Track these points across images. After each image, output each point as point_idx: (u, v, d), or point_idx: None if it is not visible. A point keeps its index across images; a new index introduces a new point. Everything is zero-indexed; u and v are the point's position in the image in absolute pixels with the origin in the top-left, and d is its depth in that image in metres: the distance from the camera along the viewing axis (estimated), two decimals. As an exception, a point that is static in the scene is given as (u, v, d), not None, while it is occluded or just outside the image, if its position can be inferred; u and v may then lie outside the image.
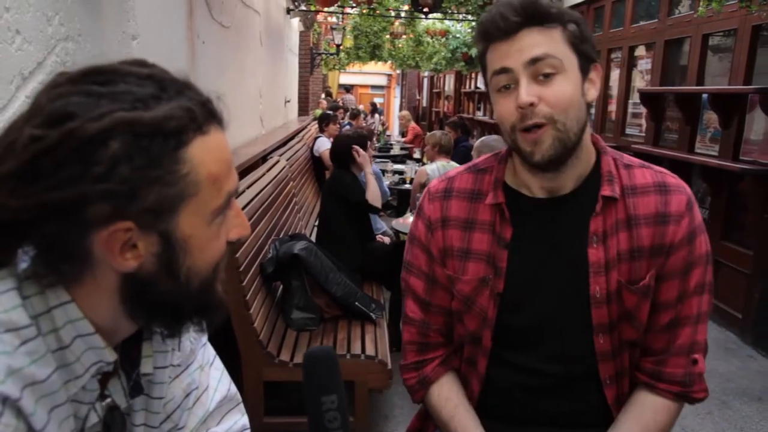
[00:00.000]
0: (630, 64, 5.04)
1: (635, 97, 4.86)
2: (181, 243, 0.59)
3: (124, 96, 0.55)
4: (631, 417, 1.00)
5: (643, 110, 4.70)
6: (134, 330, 0.67)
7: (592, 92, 0.95)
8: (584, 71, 0.93)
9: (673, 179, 0.99)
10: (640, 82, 4.92)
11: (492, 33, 0.91)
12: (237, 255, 2.03)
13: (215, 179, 0.60)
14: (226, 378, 0.89)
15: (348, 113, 8.91)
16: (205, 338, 0.84)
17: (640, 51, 4.93)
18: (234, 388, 0.89)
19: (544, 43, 0.89)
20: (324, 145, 5.39)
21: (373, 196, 3.14)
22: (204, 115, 0.59)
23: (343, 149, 3.21)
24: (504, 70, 0.90)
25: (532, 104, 0.88)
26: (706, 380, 1.02)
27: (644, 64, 4.86)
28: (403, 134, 10.82)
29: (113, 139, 0.53)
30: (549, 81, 0.89)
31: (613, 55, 5.39)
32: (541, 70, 0.88)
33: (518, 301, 1.01)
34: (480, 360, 1.05)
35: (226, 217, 0.64)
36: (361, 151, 3.17)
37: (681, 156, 3.96)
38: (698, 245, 0.97)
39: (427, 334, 1.11)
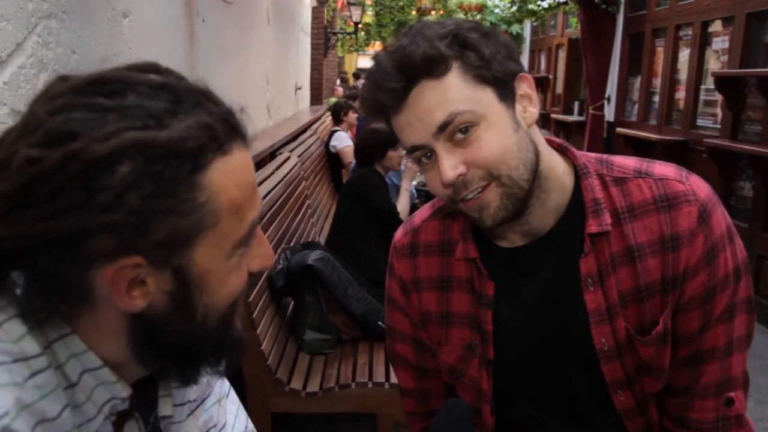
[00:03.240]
0: (703, 42, 4.96)
1: (709, 82, 4.78)
2: (197, 279, 0.59)
3: (135, 111, 0.55)
4: None
5: (718, 97, 4.63)
6: (148, 371, 0.67)
7: (531, 110, 0.89)
8: (508, 97, 0.86)
9: (680, 185, 0.90)
10: (714, 63, 4.84)
11: (381, 110, 0.87)
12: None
13: (237, 207, 0.60)
14: (243, 413, 0.90)
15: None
16: None
17: (716, 26, 4.85)
18: (251, 425, 0.90)
19: (442, 100, 0.82)
20: (342, 140, 5.38)
21: (403, 211, 3.25)
22: (225, 131, 0.59)
23: (371, 144, 3.29)
24: (415, 148, 0.87)
25: (460, 175, 0.85)
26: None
27: (720, 42, 4.78)
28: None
29: (122, 162, 0.52)
30: (469, 137, 0.84)
31: (681, 32, 5.32)
32: (455, 130, 0.83)
33: (515, 366, 0.99)
34: None
35: (248, 247, 0.64)
36: (408, 162, 3.28)
37: (766, 152, 3.87)
38: (721, 264, 0.89)
39: (428, 402, 1.12)
